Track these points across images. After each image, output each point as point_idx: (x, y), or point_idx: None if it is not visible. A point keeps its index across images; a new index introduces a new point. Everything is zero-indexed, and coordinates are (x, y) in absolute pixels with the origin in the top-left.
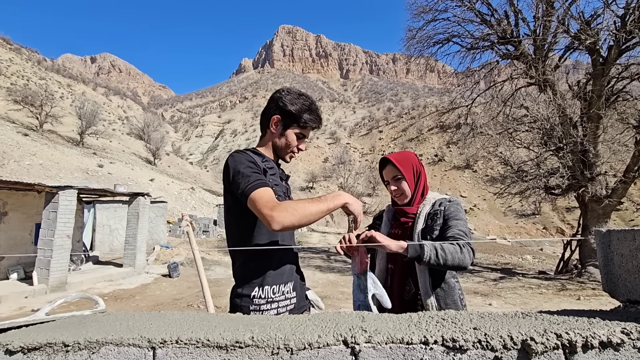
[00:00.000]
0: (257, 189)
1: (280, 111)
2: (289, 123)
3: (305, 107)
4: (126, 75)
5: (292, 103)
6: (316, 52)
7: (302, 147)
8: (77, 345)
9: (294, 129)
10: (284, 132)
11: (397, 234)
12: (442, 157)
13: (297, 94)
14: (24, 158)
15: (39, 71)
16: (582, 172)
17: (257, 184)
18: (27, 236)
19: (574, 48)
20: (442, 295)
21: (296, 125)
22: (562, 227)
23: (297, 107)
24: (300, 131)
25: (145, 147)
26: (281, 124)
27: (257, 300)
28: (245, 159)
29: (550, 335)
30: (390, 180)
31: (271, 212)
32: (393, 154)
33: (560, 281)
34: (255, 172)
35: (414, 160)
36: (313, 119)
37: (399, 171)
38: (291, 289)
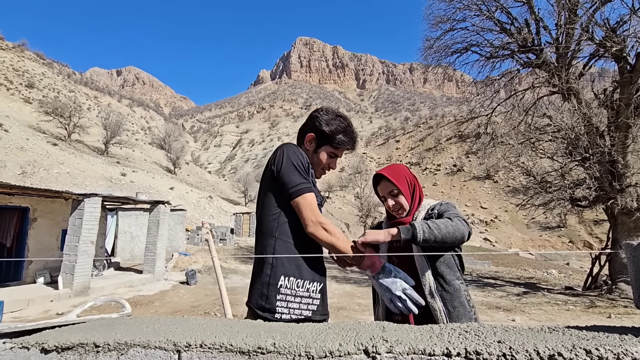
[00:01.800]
0: (309, 193)
1: (315, 130)
2: (323, 142)
3: (341, 129)
4: (149, 87)
5: (327, 124)
6: (333, 63)
7: (333, 166)
8: (107, 346)
9: (327, 148)
10: (317, 150)
11: (399, 247)
12: (461, 167)
13: (334, 115)
14: (53, 167)
15: (68, 84)
16: (611, 183)
17: (307, 188)
18: (54, 242)
19: (599, 55)
20: (448, 298)
21: (329, 145)
22: (590, 240)
23: (332, 128)
24: (333, 151)
25: (166, 157)
26: (315, 142)
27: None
28: (300, 156)
29: (579, 350)
30: (386, 195)
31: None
32: (384, 168)
33: (588, 297)
34: (307, 175)
35: (406, 172)
36: (347, 141)
37: (395, 186)
38: (317, 290)
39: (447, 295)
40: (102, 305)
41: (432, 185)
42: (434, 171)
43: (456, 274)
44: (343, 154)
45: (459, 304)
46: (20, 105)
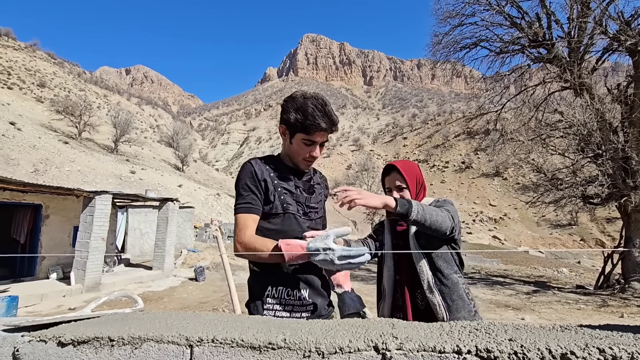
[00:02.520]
0: (239, 214)
1: (284, 121)
2: (294, 132)
3: (309, 112)
4: (158, 85)
5: (293, 110)
6: (340, 60)
7: (314, 154)
8: (121, 340)
9: (300, 136)
10: (292, 141)
11: (400, 244)
12: (470, 164)
13: (302, 98)
14: (64, 164)
15: (79, 83)
16: (624, 180)
17: (242, 208)
18: (66, 238)
19: (612, 50)
20: (446, 292)
21: (300, 133)
22: (602, 239)
23: (299, 115)
24: (306, 138)
25: (174, 154)
26: (288, 133)
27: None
28: (246, 175)
29: (593, 349)
30: (393, 187)
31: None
32: (398, 161)
33: (600, 297)
34: (249, 192)
35: (417, 171)
36: (317, 124)
37: (405, 181)
38: (307, 296)
39: (446, 289)
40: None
41: (440, 182)
42: (442, 168)
43: (454, 267)
44: (324, 137)
45: (458, 297)
46: (33, 104)
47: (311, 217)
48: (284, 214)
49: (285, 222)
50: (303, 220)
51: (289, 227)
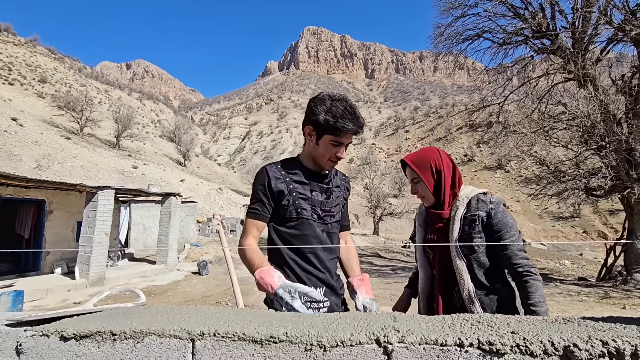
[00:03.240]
0: (247, 218)
1: (311, 121)
2: (322, 132)
3: (338, 114)
4: (158, 80)
5: (322, 111)
6: (341, 53)
7: (340, 155)
8: (123, 335)
9: (328, 137)
10: (319, 142)
11: (433, 239)
12: (472, 157)
13: (331, 100)
14: (67, 160)
15: (79, 78)
16: (628, 172)
17: (250, 213)
18: (70, 233)
19: (617, 40)
20: (487, 303)
21: (329, 134)
22: (605, 231)
23: (328, 116)
24: (334, 139)
25: (176, 149)
26: (315, 133)
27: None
28: (259, 181)
29: (595, 342)
30: (410, 182)
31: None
32: (412, 154)
33: (602, 288)
34: (258, 200)
35: (433, 158)
36: (346, 126)
37: (416, 173)
38: (322, 293)
39: (487, 299)
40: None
41: None
42: None
43: (497, 275)
44: (351, 138)
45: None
46: (34, 100)
47: (326, 221)
48: (297, 219)
49: (300, 227)
50: (318, 224)
51: (304, 231)
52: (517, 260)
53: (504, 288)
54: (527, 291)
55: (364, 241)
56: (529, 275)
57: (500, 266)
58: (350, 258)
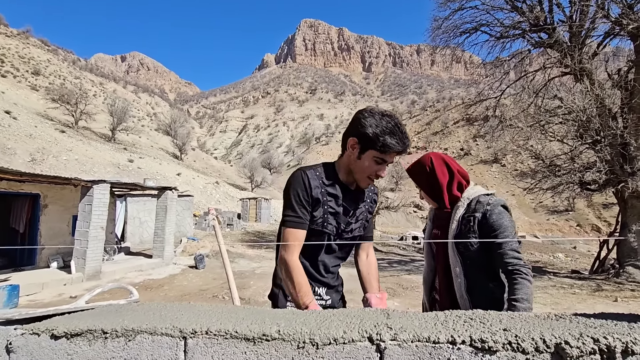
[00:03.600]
0: (289, 228)
1: (357, 133)
2: (367, 146)
3: (387, 130)
4: (154, 72)
5: (371, 125)
6: (338, 46)
7: (380, 174)
8: (114, 333)
9: (372, 153)
10: (361, 156)
11: (438, 234)
12: (469, 151)
13: (380, 115)
14: (62, 153)
15: (74, 71)
16: (622, 166)
17: (291, 222)
18: (65, 227)
19: (614, 34)
20: (479, 300)
21: (374, 150)
22: (598, 224)
23: (377, 130)
24: (379, 156)
25: (172, 143)
26: (358, 146)
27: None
28: (299, 185)
29: (587, 339)
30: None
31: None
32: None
33: (595, 281)
34: (300, 206)
35: (425, 166)
36: (395, 144)
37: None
38: (324, 293)
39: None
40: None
41: None
42: None
43: (491, 275)
44: (394, 158)
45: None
46: (27, 92)
47: (343, 237)
48: (320, 232)
49: (316, 237)
50: (334, 238)
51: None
52: (509, 259)
53: (497, 288)
54: (513, 287)
55: None
56: (518, 273)
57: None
58: (370, 273)
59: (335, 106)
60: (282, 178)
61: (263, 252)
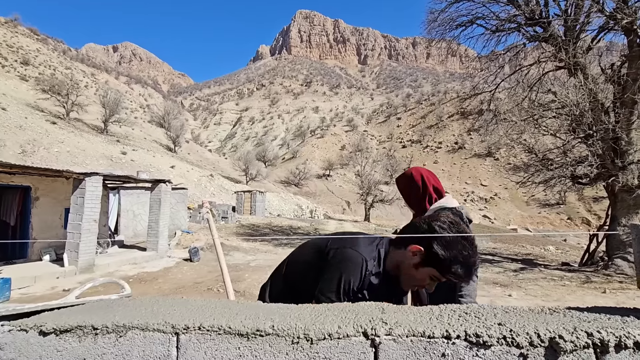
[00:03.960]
0: None
1: (425, 245)
2: (430, 264)
3: (460, 259)
4: (147, 63)
5: (446, 247)
6: (334, 38)
7: (429, 289)
8: (105, 329)
9: (433, 271)
10: (419, 268)
11: None
12: (463, 144)
13: (459, 237)
14: (53, 145)
15: (64, 61)
16: (613, 160)
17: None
18: (58, 220)
19: (608, 28)
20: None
21: (437, 270)
22: (589, 217)
23: (450, 256)
24: (438, 276)
25: (166, 135)
26: (421, 258)
27: None
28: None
29: (581, 333)
30: None
31: None
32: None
33: (584, 273)
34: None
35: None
36: (459, 274)
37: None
38: None
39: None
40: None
41: (432, 163)
42: (435, 149)
43: None
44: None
45: None
46: (17, 82)
47: None
48: None
49: None
50: None
51: None
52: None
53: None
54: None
55: (355, 227)
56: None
57: None
58: None
59: (331, 99)
60: (277, 171)
61: (258, 245)
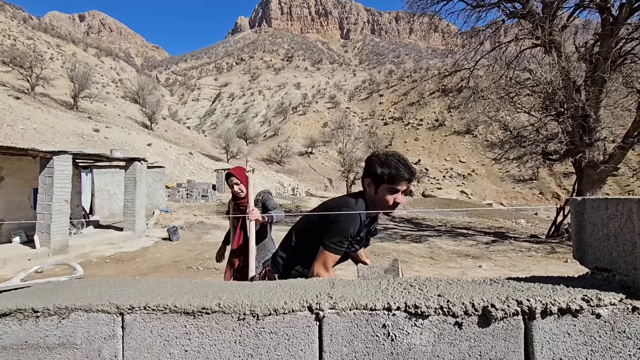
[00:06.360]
0: (331, 253)
1: (370, 174)
2: (380, 183)
3: (393, 166)
4: (117, 35)
5: (378, 166)
6: (315, 10)
7: (398, 200)
8: (46, 312)
9: (385, 186)
10: (377, 191)
11: None
12: (443, 121)
13: (385, 156)
14: (17, 122)
15: (25, 30)
16: (581, 137)
17: (335, 249)
18: (26, 201)
19: (584, 6)
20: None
21: (386, 184)
22: (559, 192)
23: (384, 169)
24: (391, 187)
25: (141, 111)
26: (373, 184)
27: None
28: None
29: (511, 302)
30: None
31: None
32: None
33: (550, 244)
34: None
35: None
36: (400, 174)
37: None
38: None
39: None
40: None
41: (414, 140)
42: (416, 126)
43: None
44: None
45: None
46: None
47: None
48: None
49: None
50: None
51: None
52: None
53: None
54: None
55: None
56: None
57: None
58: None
59: (313, 75)
60: (259, 148)
61: None
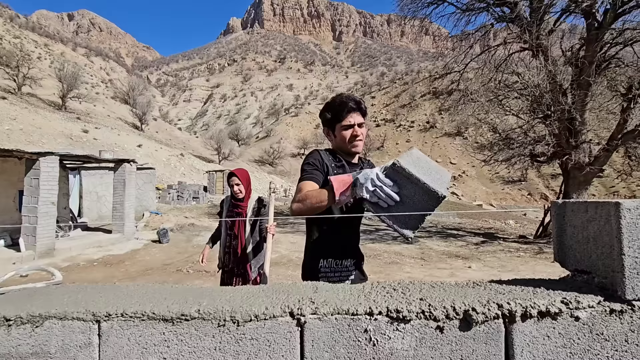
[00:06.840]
0: (301, 182)
1: (323, 122)
2: (332, 124)
3: (335, 104)
4: (107, 34)
5: (325, 111)
6: (308, 12)
7: (357, 133)
8: (19, 320)
9: (337, 125)
10: (334, 134)
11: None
12: (434, 123)
13: (329, 101)
14: (3, 122)
15: (12, 29)
16: (568, 139)
17: (304, 177)
18: (11, 203)
19: (570, 11)
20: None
21: (335, 122)
22: (547, 193)
23: (330, 111)
24: (342, 123)
25: (132, 112)
26: (330, 131)
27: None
28: (314, 158)
29: (492, 305)
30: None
31: (292, 203)
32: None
33: (538, 245)
34: (314, 168)
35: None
36: (342, 107)
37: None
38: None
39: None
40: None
41: (405, 142)
42: (407, 128)
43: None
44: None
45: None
46: None
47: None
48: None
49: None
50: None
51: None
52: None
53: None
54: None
55: None
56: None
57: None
58: None
59: (305, 76)
60: (251, 150)
61: None
